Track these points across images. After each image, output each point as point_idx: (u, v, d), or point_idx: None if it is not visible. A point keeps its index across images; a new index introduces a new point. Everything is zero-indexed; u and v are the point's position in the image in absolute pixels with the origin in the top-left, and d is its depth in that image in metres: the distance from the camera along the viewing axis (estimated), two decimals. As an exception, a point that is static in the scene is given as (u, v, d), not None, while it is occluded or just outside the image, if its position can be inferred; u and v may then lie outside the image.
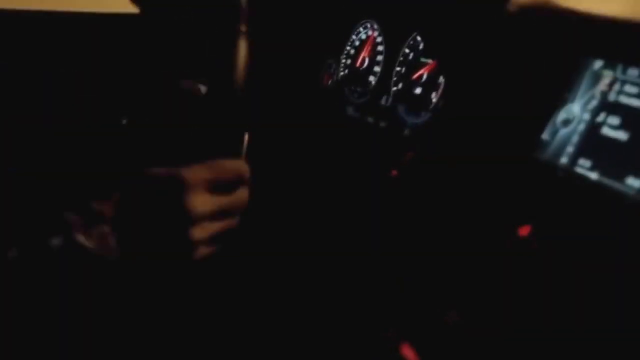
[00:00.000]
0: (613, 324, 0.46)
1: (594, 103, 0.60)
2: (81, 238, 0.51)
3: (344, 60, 1.01)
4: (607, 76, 0.59)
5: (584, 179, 0.59)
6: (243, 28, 0.61)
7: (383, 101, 0.91)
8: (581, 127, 0.61)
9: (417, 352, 0.58)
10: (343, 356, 0.71)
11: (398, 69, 0.89)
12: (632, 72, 0.57)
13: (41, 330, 0.53)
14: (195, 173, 0.54)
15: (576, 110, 0.62)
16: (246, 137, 0.66)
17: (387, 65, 0.92)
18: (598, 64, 0.61)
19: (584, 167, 0.59)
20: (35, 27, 1.17)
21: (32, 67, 1.16)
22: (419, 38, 0.86)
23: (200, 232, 0.54)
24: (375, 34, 0.95)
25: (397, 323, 0.63)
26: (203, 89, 0.72)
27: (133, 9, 1.24)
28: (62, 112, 0.95)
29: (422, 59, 0.85)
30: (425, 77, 0.85)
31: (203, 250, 0.55)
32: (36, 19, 1.17)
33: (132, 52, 1.21)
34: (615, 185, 0.56)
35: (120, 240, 0.53)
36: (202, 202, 0.54)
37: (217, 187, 0.56)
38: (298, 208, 0.89)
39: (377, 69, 0.94)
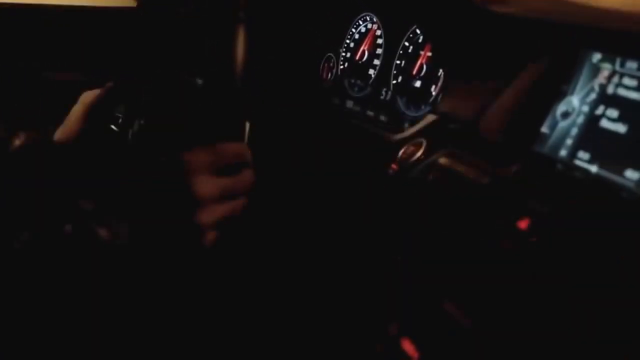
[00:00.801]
0: (613, 318, 0.47)
1: (593, 96, 0.60)
2: (92, 225, 0.51)
3: (343, 54, 1.01)
4: (606, 69, 0.59)
5: (583, 172, 0.59)
6: (242, 19, 0.61)
7: (383, 95, 0.91)
8: (580, 119, 0.61)
9: (417, 347, 0.59)
10: (344, 351, 0.72)
11: (398, 62, 0.89)
12: (631, 64, 0.57)
13: (46, 322, 0.53)
14: (197, 156, 0.54)
15: (575, 103, 0.62)
16: (246, 130, 0.66)
17: (387, 59, 0.92)
18: (597, 56, 0.61)
19: (583, 160, 0.60)
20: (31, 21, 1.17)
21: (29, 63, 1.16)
22: (418, 31, 0.86)
23: (206, 215, 0.54)
24: (375, 27, 0.95)
25: (398, 318, 0.63)
26: (199, 82, 0.72)
27: (130, 3, 1.24)
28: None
29: (422, 52, 0.85)
30: (424, 70, 0.85)
31: (210, 235, 0.55)
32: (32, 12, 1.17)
33: (129, 45, 1.21)
34: (615, 177, 0.56)
35: (129, 227, 0.53)
36: (205, 185, 0.54)
37: (220, 169, 0.55)
38: (298, 202, 0.90)
39: (376, 62, 0.94)
